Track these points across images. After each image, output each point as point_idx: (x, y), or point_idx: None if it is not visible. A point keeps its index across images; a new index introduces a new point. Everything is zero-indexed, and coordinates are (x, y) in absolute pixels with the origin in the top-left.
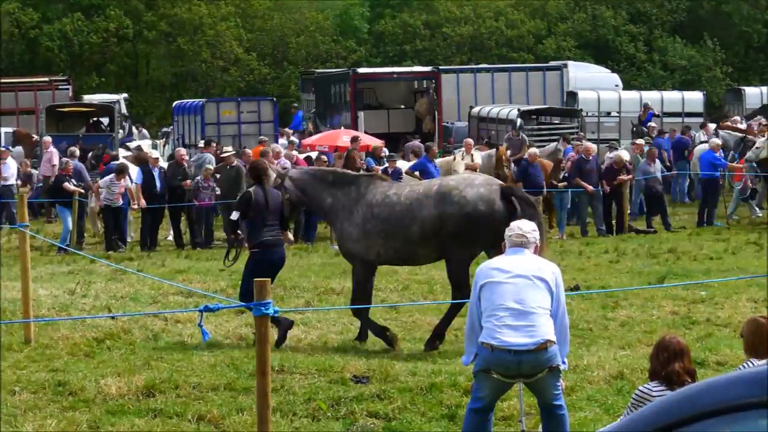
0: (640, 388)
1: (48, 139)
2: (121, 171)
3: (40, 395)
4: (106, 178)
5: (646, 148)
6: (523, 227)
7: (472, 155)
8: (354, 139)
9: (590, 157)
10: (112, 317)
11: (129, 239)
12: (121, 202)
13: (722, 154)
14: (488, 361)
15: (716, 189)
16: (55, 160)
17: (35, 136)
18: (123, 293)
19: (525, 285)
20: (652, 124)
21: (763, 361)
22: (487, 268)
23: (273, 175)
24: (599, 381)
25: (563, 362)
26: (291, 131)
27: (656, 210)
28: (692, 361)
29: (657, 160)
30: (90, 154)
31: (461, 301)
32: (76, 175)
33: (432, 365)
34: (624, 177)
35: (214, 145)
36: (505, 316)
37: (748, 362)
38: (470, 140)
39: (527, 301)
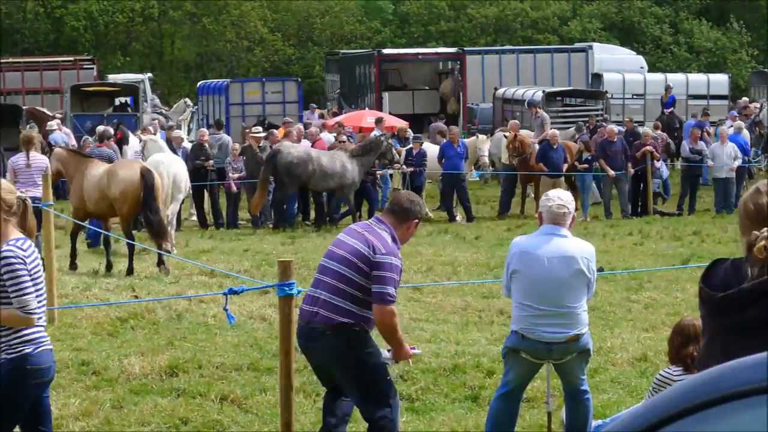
0: (661, 372)
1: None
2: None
3: (63, 374)
4: (130, 153)
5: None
6: (563, 197)
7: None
8: (378, 120)
9: (615, 139)
10: (136, 300)
11: None
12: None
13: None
14: (518, 344)
15: (741, 174)
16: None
17: (50, 113)
18: (146, 273)
19: (561, 283)
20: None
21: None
22: (522, 251)
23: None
24: (623, 363)
25: None
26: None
27: (691, 192)
28: None
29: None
30: (100, 128)
31: None
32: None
33: (455, 346)
34: (649, 148)
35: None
36: (538, 312)
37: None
38: (516, 122)
39: (562, 301)
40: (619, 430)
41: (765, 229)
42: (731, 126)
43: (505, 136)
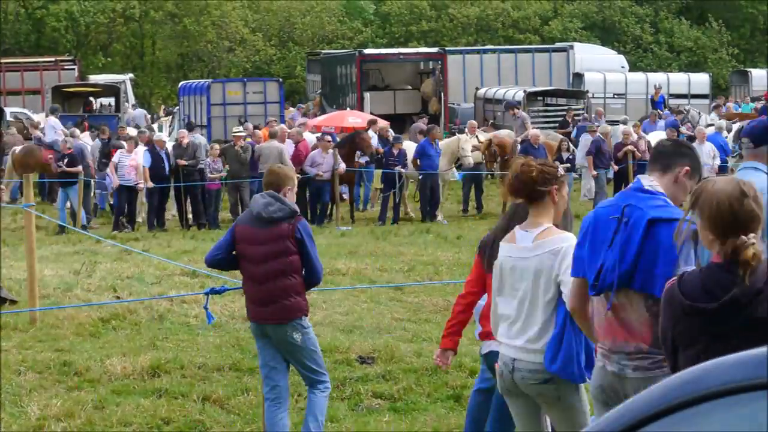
0: None
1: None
2: (134, 142)
3: (45, 375)
4: (117, 153)
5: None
6: None
7: (477, 136)
8: (372, 122)
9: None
10: (118, 300)
11: (139, 220)
12: (133, 177)
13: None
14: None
15: (723, 173)
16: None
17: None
18: (128, 273)
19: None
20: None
21: None
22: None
23: None
24: None
25: None
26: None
27: None
28: None
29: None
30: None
31: None
32: (78, 154)
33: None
34: (631, 147)
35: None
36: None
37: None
38: (474, 122)
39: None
40: (601, 429)
41: (751, 235)
42: (710, 125)
43: (479, 140)
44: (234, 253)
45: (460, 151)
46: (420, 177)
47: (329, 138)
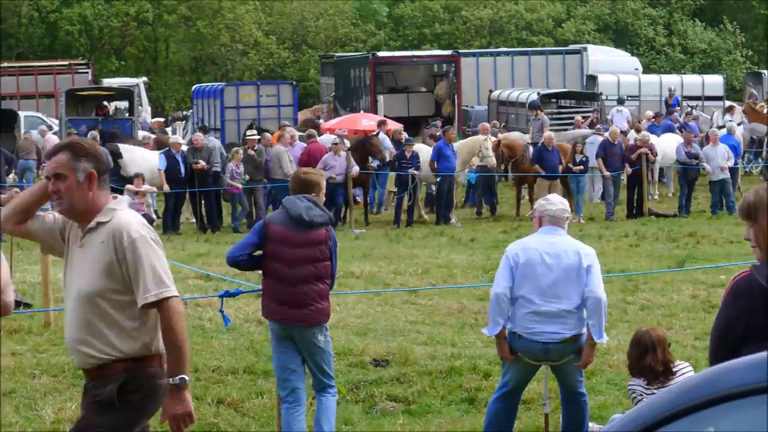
0: (629, 384)
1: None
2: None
3: (59, 378)
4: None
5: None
6: (565, 202)
7: (490, 138)
8: (382, 123)
9: (616, 141)
10: None
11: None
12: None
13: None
14: (515, 346)
15: (734, 175)
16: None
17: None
18: None
19: (561, 278)
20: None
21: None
22: (523, 248)
23: None
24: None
25: (601, 336)
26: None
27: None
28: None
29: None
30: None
31: None
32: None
33: (452, 349)
34: (645, 150)
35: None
36: (537, 309)
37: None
38: (486, 124)
39: (562, 296)
40: (618, 430)
41: None
42: (722, 127)
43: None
44: (257, 253)
45: (483, 151)
46: (438, 180)
47: (338, 139)
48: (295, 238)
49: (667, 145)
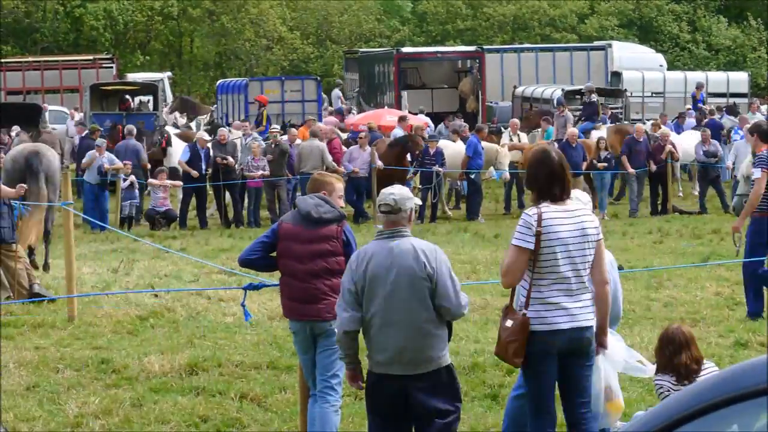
0: (656, 380)
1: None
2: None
3: (83, 373)
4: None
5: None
6: (581, 198)
7: (518, 135)
8: (402, 119)
9: (641, 138)
10: (155, 294)
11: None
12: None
13: None
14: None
15: None
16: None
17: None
18: (166, 272)
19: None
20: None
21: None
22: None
23: None
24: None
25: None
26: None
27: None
28: (700, 347)
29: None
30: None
31: None
32: (133, 154)
33: (475, 345)
34: (670, 148)
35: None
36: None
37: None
38: (516, 120)
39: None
40: (638, 429)
41: None
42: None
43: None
44: (272, 255)
45: (497, 165)
46: (473, 176)
47: (363, 134)
48: (304, 234)
49: (688, 144)
